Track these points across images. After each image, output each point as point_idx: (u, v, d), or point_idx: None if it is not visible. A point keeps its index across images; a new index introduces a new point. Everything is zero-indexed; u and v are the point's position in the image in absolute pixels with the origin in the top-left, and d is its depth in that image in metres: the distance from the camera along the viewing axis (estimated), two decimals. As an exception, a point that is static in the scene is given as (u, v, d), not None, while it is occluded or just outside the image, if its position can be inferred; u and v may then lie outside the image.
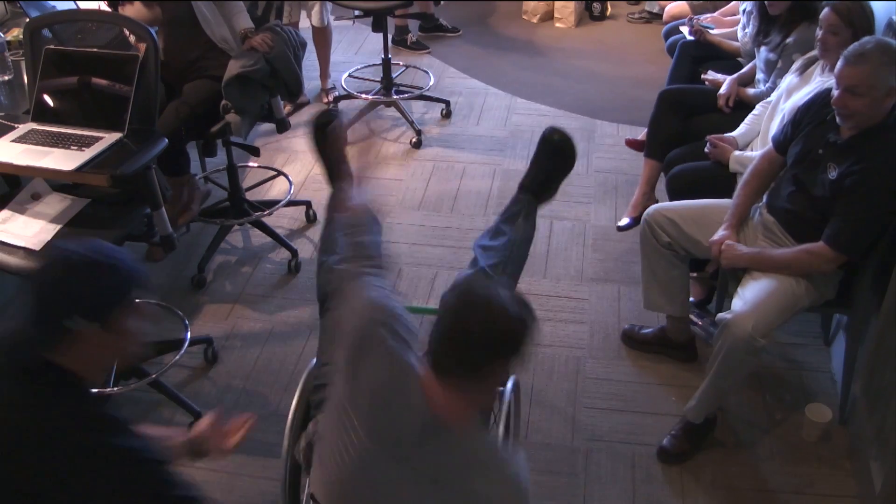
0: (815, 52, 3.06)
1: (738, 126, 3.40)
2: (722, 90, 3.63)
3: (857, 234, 2.56)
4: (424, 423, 1.66)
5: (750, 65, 3.71)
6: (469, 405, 1.70)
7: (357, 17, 4.78)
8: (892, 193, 2.50)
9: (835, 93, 2.55)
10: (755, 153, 3.13)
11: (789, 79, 3.21)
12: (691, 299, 3.20)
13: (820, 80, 3.00)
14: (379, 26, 4.64)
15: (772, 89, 3.36)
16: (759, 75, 3.58)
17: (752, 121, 3.36)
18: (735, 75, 3.68)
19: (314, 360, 2.28)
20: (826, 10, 2.92)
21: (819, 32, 2.95)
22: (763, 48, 3.52)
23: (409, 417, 1.67)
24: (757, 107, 3.40)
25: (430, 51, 5.72)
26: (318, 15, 4.80)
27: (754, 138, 3.32)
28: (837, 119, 2.59)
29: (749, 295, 2.65)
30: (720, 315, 2.64)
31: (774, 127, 3.14)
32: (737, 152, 3.20)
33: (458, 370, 1.64)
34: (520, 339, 1.65)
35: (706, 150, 3.29)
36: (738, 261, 2.76)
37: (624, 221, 3.83)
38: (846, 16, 2.86)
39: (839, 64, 2.53)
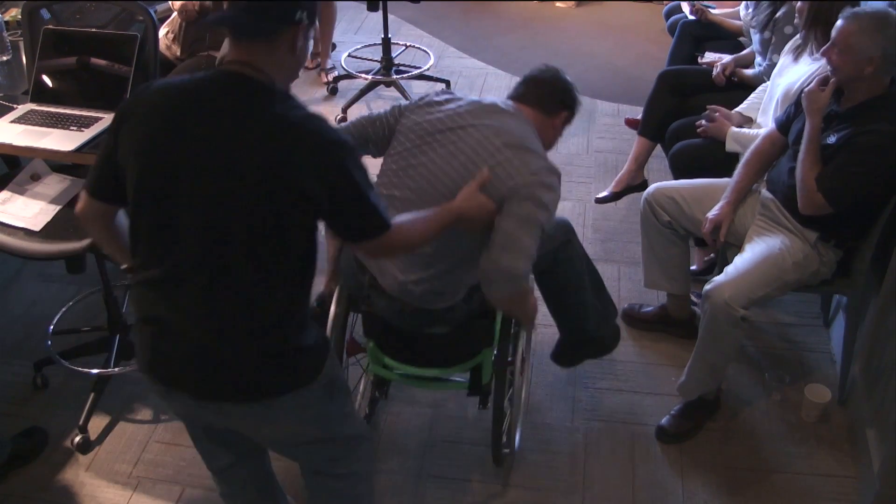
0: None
1: (735, 107, 3.39)
2: (721, 61, 3.64)
3: (844, 186, 2.53)
4: None
5: (750, 48, 3.70)
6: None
7: None
8: (886, 158, 2.50)
9: (826, 45, 2.58)
10: (753, 131, 3.12)
11: (782, 60, 3.20)
12: (693, 267, 3.19)
13: (810, 61, 3.00)
14: (375, 6, 4.61)
15: (770, 67, 3.35)
16: (757, 58, 3.57)
17: (756, 97, 3.36)
18: (735, 55, 3.69)
19: None
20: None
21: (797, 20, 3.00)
22: (755, 30, 3.51)
23: None
24: (760, 86, 3.40)
25: None
26: None
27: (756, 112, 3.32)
28: (830, 72, 2.60)
29: (733, 266, 2.67)
30: (705, 286, 2.66)
31: (771, 107, 3.14)
32: (734, 129, 3.19)
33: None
34: None
35: (702, 123, 3.27)
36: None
37: (603, 193, 3.85)
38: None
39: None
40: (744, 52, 3.71)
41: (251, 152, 1.65)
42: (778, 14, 3.33)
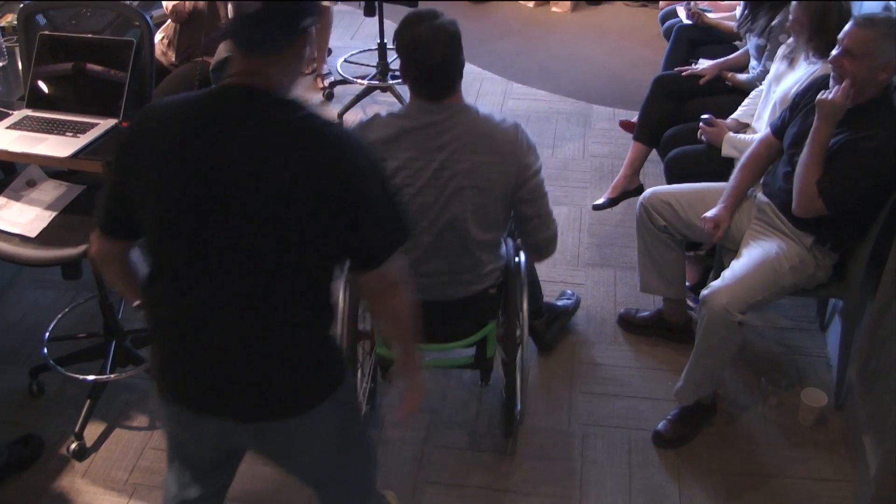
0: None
1: (730, 113, 3.40)
2: (705, 70, 3.68)
3: (841, 190, 2.54)
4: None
5: (740, 51, 3.71)
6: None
7: None
8: (884, 163, 2.50)
9: (835, 52, 2.54)
10: (749, 137, 3.13)
11: (777, 66, 3.21)
12: (686, 284, 3.21)
13: (805, 66, 3.00)
14: (371, 11, 4.62)
15: (763, 73, 3.36)
16: (752, 62, 3.58)
17: (750, 103, 3.36)
18: (720, 60, 3.70)
19: None
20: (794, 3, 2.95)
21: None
22: (752, 34, 3.52)
23: None
24: (753, 91, 3.40)
25: None
26: None
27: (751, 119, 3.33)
28: (831, 82, 2.58)
29: (730, 271, 2.68)
30: (702, 292, 2.66)
31: (766, 113, 3.15)
32: (731, 134, 3.20)
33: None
34: None
35: (700, 129, 3.28)
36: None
37: (600, 200, 3.86)
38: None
39: (847, 25, 2.53)
40: (732, 55, 3.72)
41: (281, 166, 1.60)
42: (774, 22, 3.34)
